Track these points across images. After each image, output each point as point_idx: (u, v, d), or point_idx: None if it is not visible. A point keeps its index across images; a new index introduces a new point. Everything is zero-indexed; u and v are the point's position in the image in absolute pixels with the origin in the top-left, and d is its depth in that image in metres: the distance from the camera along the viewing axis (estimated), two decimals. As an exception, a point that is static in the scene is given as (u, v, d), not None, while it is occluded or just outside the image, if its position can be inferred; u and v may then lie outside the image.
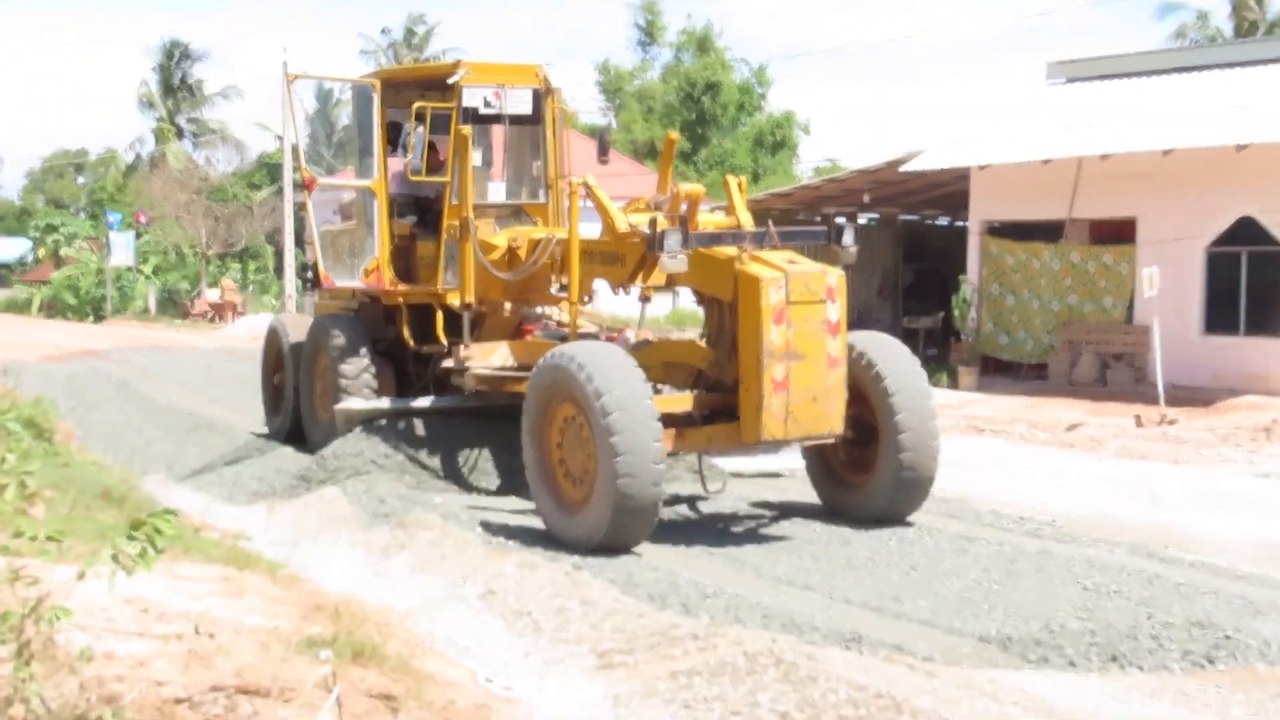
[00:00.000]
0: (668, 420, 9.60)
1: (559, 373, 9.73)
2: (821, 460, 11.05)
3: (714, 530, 10.68)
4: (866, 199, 28.13)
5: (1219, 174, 21.25)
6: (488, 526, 10.31)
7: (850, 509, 10.79)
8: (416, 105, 12.85)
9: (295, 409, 14.56)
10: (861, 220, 29.87)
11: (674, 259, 9.88)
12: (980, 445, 17.10)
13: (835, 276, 9.82)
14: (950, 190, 26.46)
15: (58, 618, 4.54)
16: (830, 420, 9.82)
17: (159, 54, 63.74)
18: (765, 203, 28.40)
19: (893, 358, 10.51)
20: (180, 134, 63.92)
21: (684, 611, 8.07)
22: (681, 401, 10.26)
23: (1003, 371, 23.92)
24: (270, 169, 56.83)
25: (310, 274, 15.48)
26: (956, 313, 24.70)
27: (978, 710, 6.34)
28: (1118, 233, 23.17)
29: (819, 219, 28.28)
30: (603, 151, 13.52)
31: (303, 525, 11.24)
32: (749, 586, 8.91)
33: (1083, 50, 31.33)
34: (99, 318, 45.32)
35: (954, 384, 23.07)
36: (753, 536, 10.48)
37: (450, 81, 12.89)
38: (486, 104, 13.05)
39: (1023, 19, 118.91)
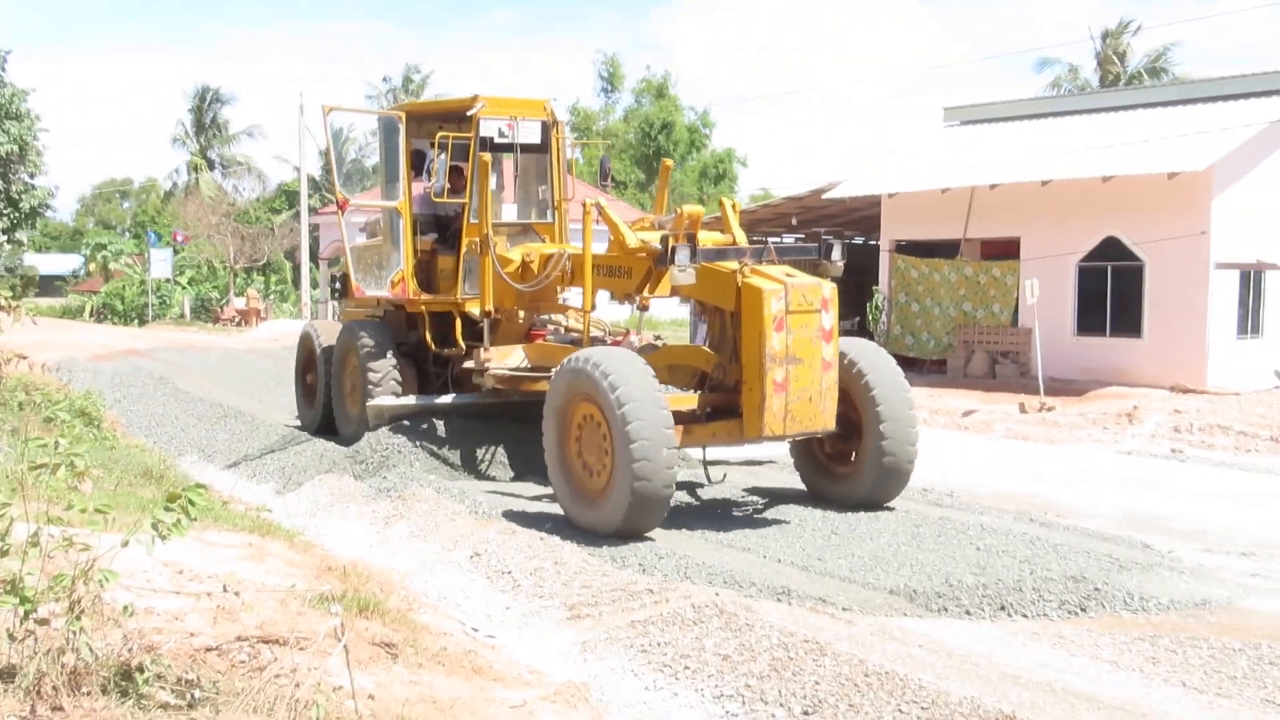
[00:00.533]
0: (675, 418, 9.20)
1: (580, 375, 9.33)
2: (807, 453, 10.74)
3: (683, 508, 10.58)
4: (794, 221, 28.15)
5: (1088, 201, 21.42)
6: (474, 500, 10.23)
7: (835, 496, 10.40)
8: (439, 134, 12.52)
9: (326, 404, 14.25)
10: (789, 239, 29.91)
11: (684, 272, 9.59)
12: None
13: (829, 288, 9.53)
14: (865, 214, 26.53)
15: (105, 579, 4.48)
16: (824, 418, 9.48)
17: (192, 97, 63.41)
18: (709, 226, 28.33)
19: (874, 360, 10.20)
20: (211, 166, 63.48)
21: (641, 570, 8.08)
22: (688, 401, 9.80)
23: (909, 367, 23.89)
24: (288, 195, 56.44)
25: (339, 285, 15.24)
26: (870, 318, 24.81)
27: (889, 652, 6.36)
28: (1004, 250, 23.32)
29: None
30: (604, 177, 13.28)
31: (316, 500, 11.18)
32: (697, 549, 8.91)
33: (974, 97, 31.66)
34: (141, 322, 44.77)
35: (868, 377, 23.15)
36: (704, 510, 10.47)
37: (469, 114, 12.62)
38: (500, 134, 12.83)
39: (924, 70, 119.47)
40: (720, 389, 9.84)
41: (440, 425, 12.40)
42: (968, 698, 5.51)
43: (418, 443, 12.07)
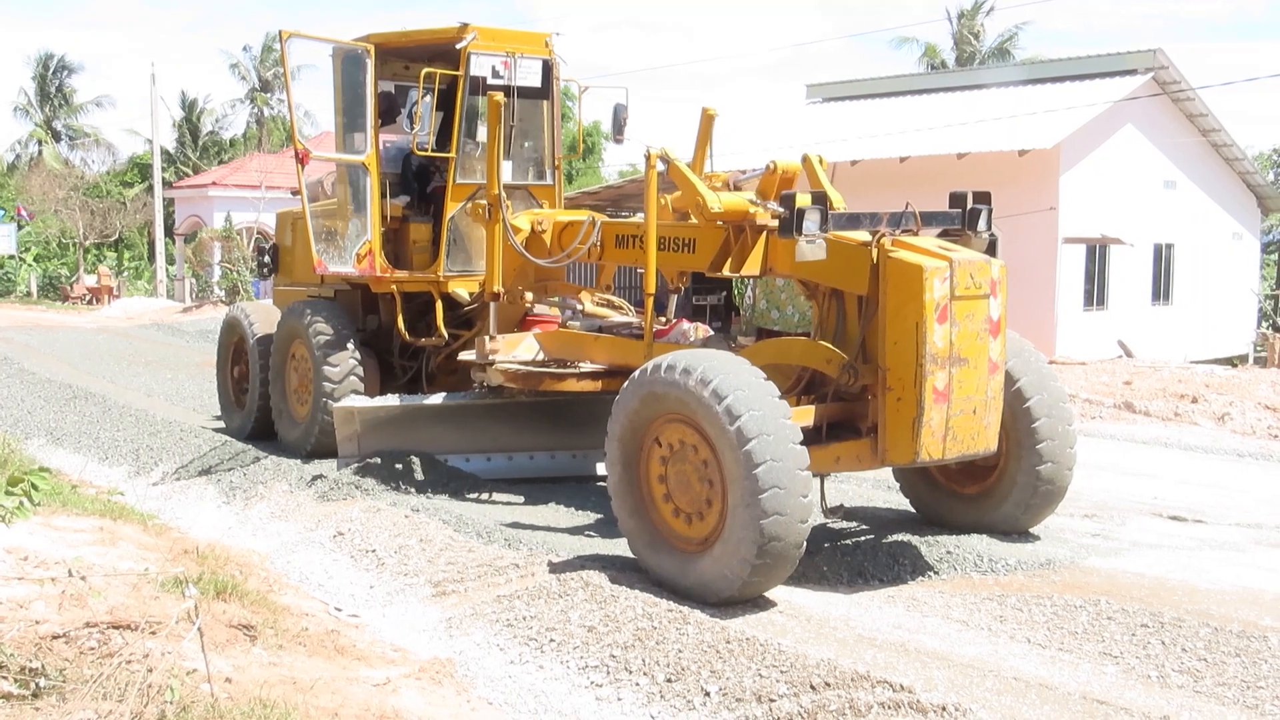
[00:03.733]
0: None
1: (670, 388, 6.87)
2: (921, 469, 8.41)
3: (525, 481, 10.53)
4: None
5: (944, 176, 21.96)
6: (336, 481, 9.86)
7: (963, 519, 8.34)
8: (425, 71, 10.30)
9: (263, 406, 11.84)
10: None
11: (813, 244, 7.25)
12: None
13: (998, 268, 7.36)
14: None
15: (-61, 567, 4.31)
16: (988, 435, 7.32)
17: (35, 65, 60.72)
18: (577, 200, 28.31)
19: (1026, 361, 8.08)
20: (57, 138, 60.89)
21: (507, 545, 8.04)
22: (804, 415, 7.19)
23: (774, 339, 24.39)
24: (141, 169, 54.42)
25: (269, 259, 12.87)
26: (736, 292, 25.10)
27: (749, 619, 6.48)
28: (865, 225, 23.83)
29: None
30: (618, 130, 11.22)
31: (171, 482, 10.87)
32: (562, 520, 8.93)
33: (836, 75, 32.26)
34: (-16, 301, 42.95)
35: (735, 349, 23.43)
36: (562, 483, 10.39)
37: (458, 48, 10.52)
38: (495, 73, 10.60)
39: (787, 50, 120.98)
40: (845, 398, 7.48)
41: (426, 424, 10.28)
42: (825, 660, 5.66)
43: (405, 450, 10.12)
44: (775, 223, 7.77)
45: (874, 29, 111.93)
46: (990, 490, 8.20)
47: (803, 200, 7.34)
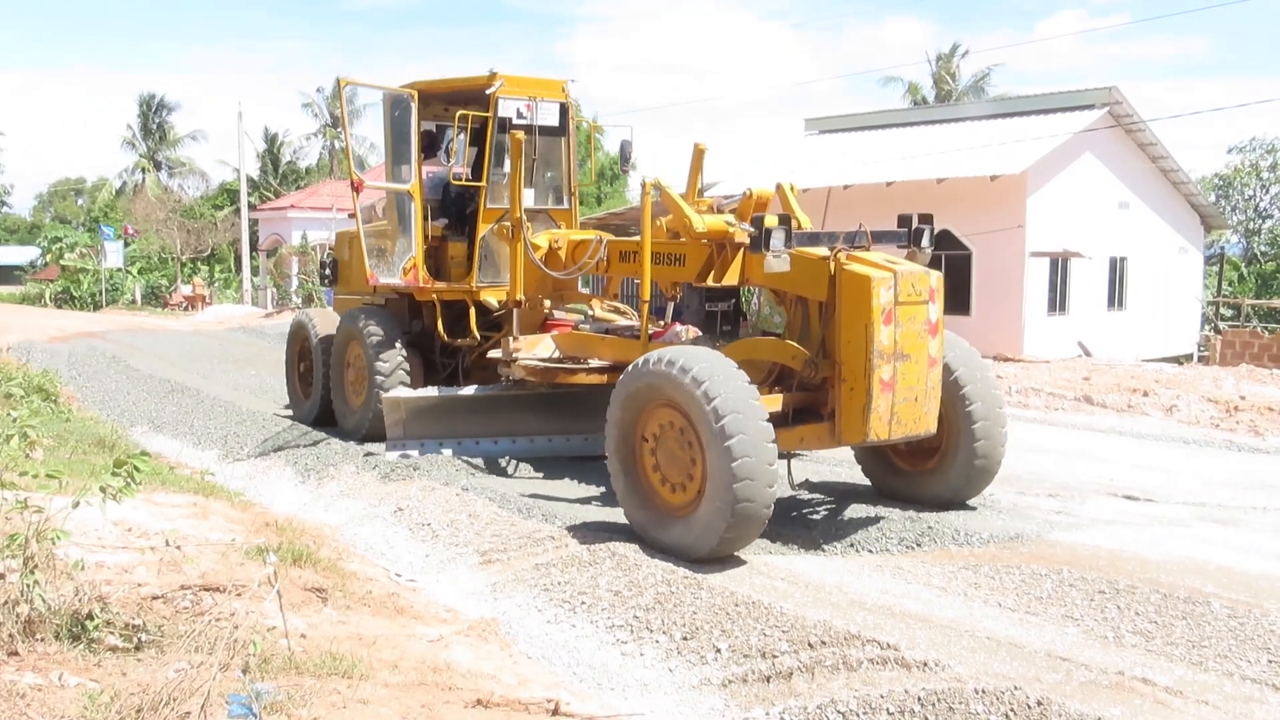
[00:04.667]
0: None
1: (658, 377, 7.21)
2: (877, 451, 8.69)
3: (561, 462, 10.52)
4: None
5: (924, 199, 21.87)
6: (397, 464, 9.97)
7: (912, 495, 8.57)
8: (459, 114, 10.56)
9: (325, 397, 12.12)
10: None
11: (779, 258, 7.64)
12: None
13: (936, 278, 7.68)
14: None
15: (57, 537, 4.34)
16: (928, 419, 7.63)
17: (140, 104, 61.31)
18: (605, 220, 28.29)
19: (964, 356, 8.41)
20: (158, 167, 61.38)
21: (545, 520, 8.04)
22: (773, 402, 7.49)
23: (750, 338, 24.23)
24: (229, 193, 54.72)
25: (329, 271, 13.00)
26: (744, 299, 24.99)
27: (756, 585, 6.46)
28: (856, 241, 23.70)
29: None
30: (624, 161, 11.52)
31: (255, 464, 10.91)
32: (594, 500, 8.91)
33: (830, 111, 32.20)
34: (96, 308, 43.14)
35: (742, 351, 23.40)
36: (595, 466, 10.38)
37: (488, 93, 10.77)
38: (519, 115, 10.94)
39: (787, 88, 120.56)
40: (806, 387, 7.79)
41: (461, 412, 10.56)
42: (821, 621, 5.63)
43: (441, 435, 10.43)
44: (749, 240, 8.15)
45: (863, 70, 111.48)
46: (936, 467, 8.45)
47: (770, 221, 7.74)
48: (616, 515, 8.24)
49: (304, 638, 4.97)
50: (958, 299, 21.87)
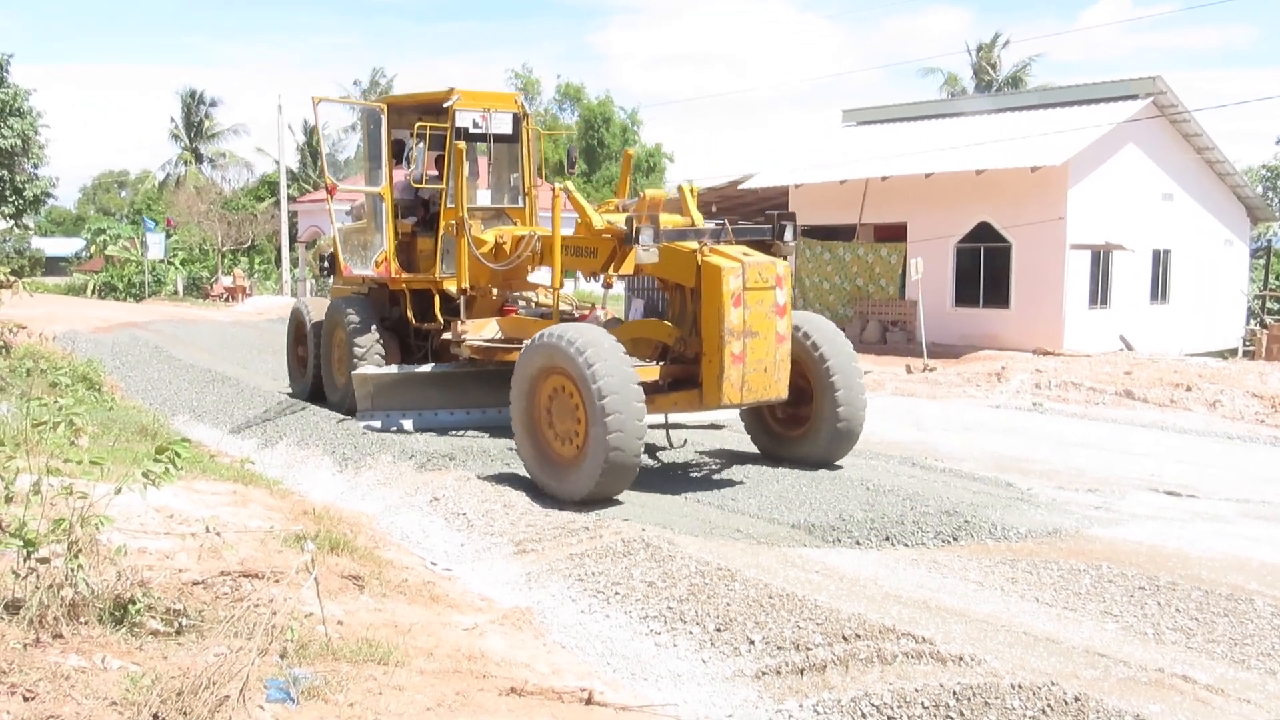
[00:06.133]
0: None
1: (552, 349, 8.49)
2: (759, 419, 10.08)
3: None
4: (715, 209, 28.14)
5: (964, 191, 21.70)
6: (432, 454, 10.12)
7: (788, 457, 9.77)
8: (418, 124, 11.76)
9: (316, 374, 13.58)
10: (711, 225, 29.89)
11: (648, 251, 8.92)
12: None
13: (782, 266, 8.87)
14: (776, 203, 26.62)
15: (100, 523, 4.41)
16: (778, 387, 8.83)
17: (182, 99, 62.09)
18: (668, 208, 28.29)
19: (827, 334, 9.56)
20: (199, 159, 62.14)
21: (578, 511, 8.06)
22: (651, 372, 8.94)
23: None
24: (270, 185, 55.26)
25: (327, 264, 14.37)
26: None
27: (790, 577, 6.43)
28: (894, 233, 23.55)
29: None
30: (570, 165, 12.46)
31: (293, 453, 11.03)
32: (627, 491, 8.91)
33: (868, 101, 31.82)
34: (139, 298, 43.74)
35: (778, 343, 23.36)
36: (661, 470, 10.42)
37: (446, 106, 11.94)
38: (475, 125, 12.17)
39: (824, 79, 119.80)
40: (681, 360, 9.19)
41: (422, 386, 11.82)
42: (856, 614, 5.60)
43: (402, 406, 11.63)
44: (623, 236, 9.29)
45: (902, 61, 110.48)
46: (806, 433, 9.67)
47: (638, 220, 8.99)
48: (648, 509, 8.26)
49: (341, 624, 5.02)
50: (996, 292, 21.68)
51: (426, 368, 12.00)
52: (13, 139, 36.41)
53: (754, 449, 10.34)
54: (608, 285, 10.50)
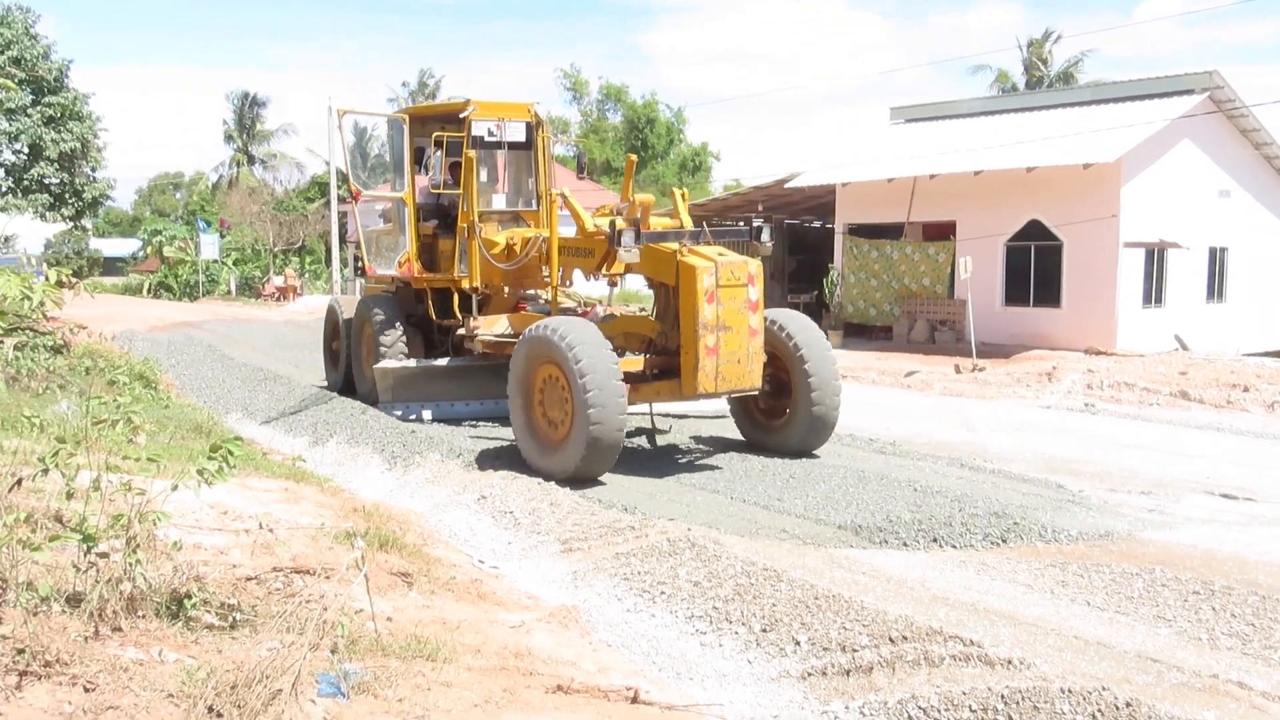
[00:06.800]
0: (625, 378, 9.30)
1: (543, 341, 9.33)
2: (745, 410, 10.75)
3: (650, 455, 10.67)
4: (760, 208, 28.08)
5: (1014, 189, 21.42)
6: (480, 452, 10.24)
7: (769, 446, 10.43)
8: (436, 134, 12.62)
9: (348, 368, 14.45)
10: (757, 223, 29.86)
11: (629, 251, 9.73)
12: (842, 387, 17.16)
13: (755, 265, 9.45)
14: (822, 201, 26.48)
15: (157, 519, 4.49)
16: (751, 377, 9.41)
17: (234, 101, 63.04)
18: (688, 211, 28.30)
19: (804, 328, 10.20)
20: (251, 161, 63.08)
21: (625, 510, 8.11)
22: (635, 363, 9.86)
23: (860, 333, 24.04)
24: (320, 186, 55.97)
25: (359, 265, 15.02)
26: (826, 291, 24.79)
27: (836, 578, 6.40)
28: (942, 232, 23.31)
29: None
30: (580, 171, 13.40)
31: (343, 451, 11.17)
32: (672, 491, 8.94)
33: (917, 98, 31.42)
34: (193, 298, 44.51)
35: (824, 343, 23.24)
36: (676, 457, 10.50)
37: (462, 116, 12.66)
38: (490, 133, 12.84)
39: (872, 77, 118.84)
40: (663, 353, 9.81)
41: (440, 378, 12.59)
42: (903, 616, 5.56)
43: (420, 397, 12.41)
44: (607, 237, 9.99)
45: (951, 57, 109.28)
46: (785, 424, 10.31)
47: (621, 223, 9.81)
48: (694, 509, 8.27)
49: (390, 620, 5.08)
50: (1048, 291, 21.39)
51: (443, 361, 12.67)
52: (72, 142, 37.23)
53: (730, 435, 11.11)
54: (612, 283, 10.95)
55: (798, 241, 31.03)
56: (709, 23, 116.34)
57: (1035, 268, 21.68)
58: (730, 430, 11.46)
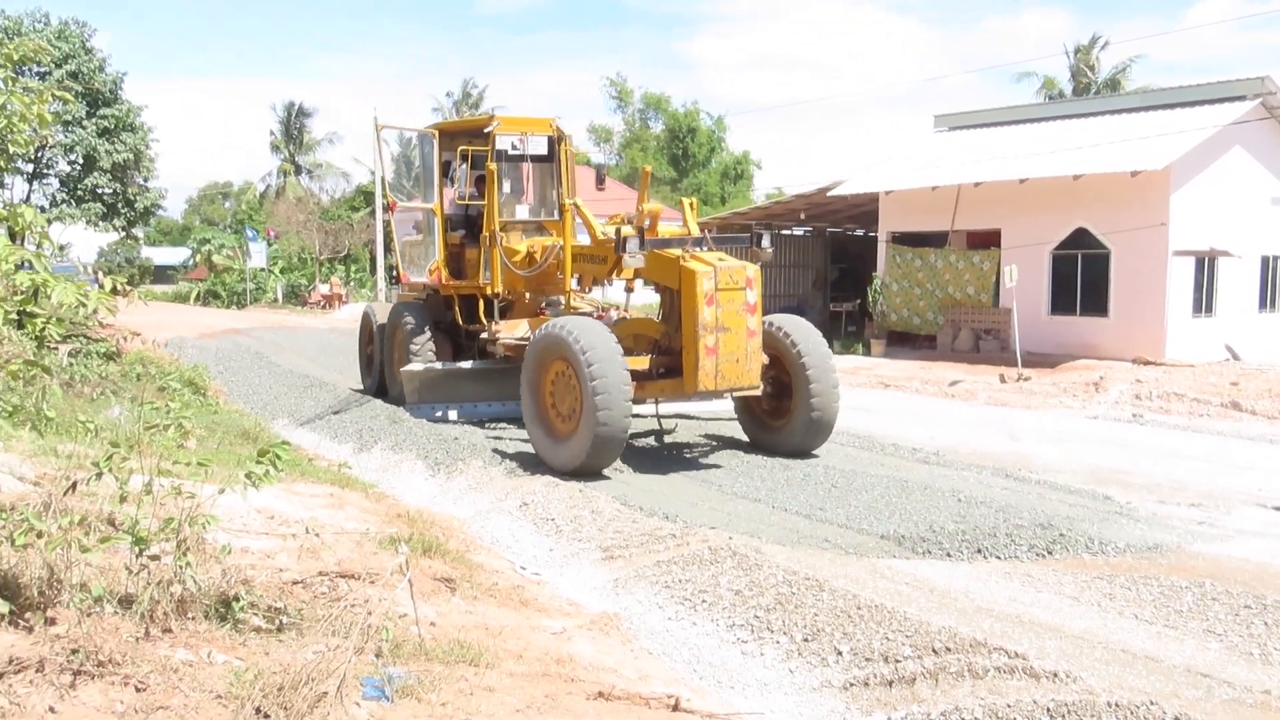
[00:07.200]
0: (633, 376, 9.71)
1: (555, 338, 9.80)
2: (749, 410, 11.15)
3: (685, 460, 10.68)
4: (803, 216, 27.98)
5: (1061, 196, 21.17)
6: (521, 459, 10.30)
7: (771, 445, 10.83)
8: (460, 148, 13.17)
9: (381, 371, 14.89)
10: (799, 232, 29.74)
11: (633, 257, 10.20)
12: (885, 397, 17.09)
13: (753, 270, 9.86)
14: (865, 209, 26.33)
15: (207, 522, 4.57)
16: (749, 376, 9.83)
17: (281, 111, 63.92)
18: (730, 219, 28.24)
19: (805, 332, 10.60)
20: (298, 170, 63.90)
21: (666, 518, 8.10)
22: (641, 362, 10.20)
23: (903, 342, 23.85)
24: (365, 195, 56.63)
25: (394, 272, 15.55)
26: (870, 299, 24.64)
27: (879, 589, 6.37)
28: (987, 240, 23.08)
29: (748, 230, 28.30)
30: (599, 182, 13.67)
31: (387, 458, 11.27)
32: (714, 500, 8.93)
33: (962, 106, 31.05)
34: (241, 306, 45.21)
35: (867, 351, 23.03)
36: (715, 464, 10.48)
37: (486, 131, 13.19)
38: (513, 147, 13.45)
39: (917, 83, 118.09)
40: (668, 353, 10.25)
41: (465, 379, 13.11)
42: (946, 627, 5.52)
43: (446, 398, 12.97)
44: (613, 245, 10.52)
45: (996, 64, 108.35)
46: (786, 424, 10.72)
47: (626, 231, 10.37)
48: (735, 518, 8.25)
49: (433, 625, 5.12)
50: (1094, 300, 21.11)
51: (466, 364, 13.24)
52: (125, 153, 37.92)
53: (739, 435, 11.51)
54: (629, 288, 11.28)
55: (841, 250, 30.89)
56: (751, 31, 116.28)
57: (1082, 276, 21.39)
58: (737, 430, 11.71)
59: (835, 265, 30.84)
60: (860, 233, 30.07)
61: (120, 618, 4.07)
